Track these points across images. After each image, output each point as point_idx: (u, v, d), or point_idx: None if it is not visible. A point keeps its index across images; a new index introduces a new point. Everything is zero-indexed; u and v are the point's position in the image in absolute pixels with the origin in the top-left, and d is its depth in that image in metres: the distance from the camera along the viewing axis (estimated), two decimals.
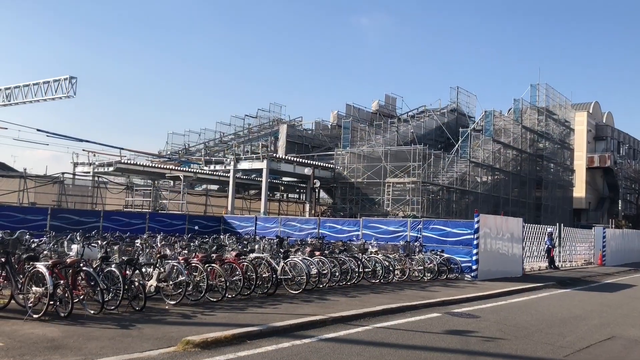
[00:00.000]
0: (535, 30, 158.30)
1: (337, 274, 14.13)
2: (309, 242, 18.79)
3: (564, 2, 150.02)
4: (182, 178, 36.50)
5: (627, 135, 68.96)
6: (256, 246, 15.73)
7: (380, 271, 15.64)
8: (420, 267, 17.15)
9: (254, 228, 25.27)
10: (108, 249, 12.34)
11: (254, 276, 11.93)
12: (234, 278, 11.70)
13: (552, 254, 25.13)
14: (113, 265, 9.90)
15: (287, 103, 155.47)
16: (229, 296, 11.31)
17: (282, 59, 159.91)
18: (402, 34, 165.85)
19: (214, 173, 40.16)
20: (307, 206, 40.77)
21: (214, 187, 47.40)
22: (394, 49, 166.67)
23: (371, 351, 7.81)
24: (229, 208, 35.76)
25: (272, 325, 8.64)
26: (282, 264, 13.00)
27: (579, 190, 56.07)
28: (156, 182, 42.95)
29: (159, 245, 14.70)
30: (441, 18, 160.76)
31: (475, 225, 18.09)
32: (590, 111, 62.03)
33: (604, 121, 65.96)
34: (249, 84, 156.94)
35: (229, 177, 37.00)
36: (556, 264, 25.35)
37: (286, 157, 38.41)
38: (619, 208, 60.84)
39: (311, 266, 13.30)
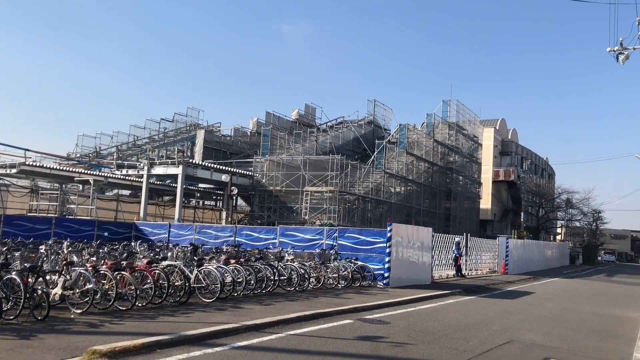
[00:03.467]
0: (448, 50, 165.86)
1: (252, 282, 14.09)
2: (225, 250, 18.59)
3: (475, 26, 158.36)
4: (91, 182, 34.89)
5: (530, 151, 73.62)
6: (169, 254, 15.36)
7: (296, 279, 15.73)
8: (335, 275, 17.43)
9: (167, 235, 24.70)
10: (8, 256, 11.63)
11: (166, 284, 11.65)
12: (145, 286, 11.38)
13: (459, 262, 26.27)
14: (13, 273, 9.34)
15: (205, 108, 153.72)
16: (140, 305, 10.98)
17: (200, 63, 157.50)
18: (323, 45, 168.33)
19: (127, 178, 38.72)
20: (224, 214, 40.24)
21: (126, 192, 45.67)
22: (314, 59, 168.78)
23: (283, 358, 7.88)
24: (142, 214, 34.63)
25: (183, 334, 8.48)
26: (195, 272, 12.79)
27: (486, 202, 59.10)
28: (64, 185, 40.79)
29: (66, 252, 14.00)
30: (360, 33, 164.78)
31: (388, 234, 18.65)
32: (497, 127, 65.67)
33: (509, 137, 70.05)
34: (166, 88, 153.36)
35: (142, 182, 35.84)
36: (463, 272, 26.52)
37: (203, 163, 37.74)
38: (521, 220, 64.63)
39: (226, 274, 13.17)
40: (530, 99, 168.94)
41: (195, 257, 14.58)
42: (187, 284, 12.23)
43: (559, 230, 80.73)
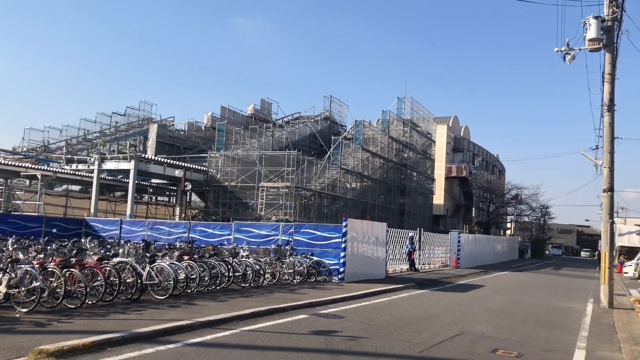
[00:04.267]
0: (403, 47, 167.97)
1: (206, 278, 13.92)
2: (178, 246, 18.32)
3: (430, 24, 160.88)
4: (39, 177, 33.77)
5: (481, 148, 75.42)
6: (120, 250, 15.06)
7: (251, 275, 15.65)
8: (290, 270, 17.42)
9: (119, 232, 24.17)
10: None
11: (117, 281, 11.40)
12: (96, 283, 11.10)
13: (413, 256, 26.69)
14: None
15: (158, 102, 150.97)
16: (90, 302, 10.71)
17: (153, 56, 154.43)
18: (280, 40, 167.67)
19: (76, 173, 37.65)
20: (178, 210, 39.66)
21: (76, 187, 44.45)
22: (271, 54, 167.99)
23: (237, 354, 7.83)
24: (92, 210, 33.75)
25: (135, 332, 8.32)
26: (147, 268, 12.54)
27: (438, 197, 60.26)
28: (9, 180, 39.33)
29: (10, 249, 13.54)
30: (317, 29, 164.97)
31: (344, 229, 18.76)
32: (450, 125, 66.98)
33: (461, 134, 71.57)
34: (117, 81, 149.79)
35: (92, 177, 34.92)
36: (416, 266, 26.95)
37: (156, 158, 37.06)
38: (473, 215, 66.14)
39: (179, 271, 12.98)
40: (482, 97, 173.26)
41: (147, 254, 14.31)
42: (139, 280, 11.99)
43: (508, 225, 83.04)
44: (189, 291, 13.29)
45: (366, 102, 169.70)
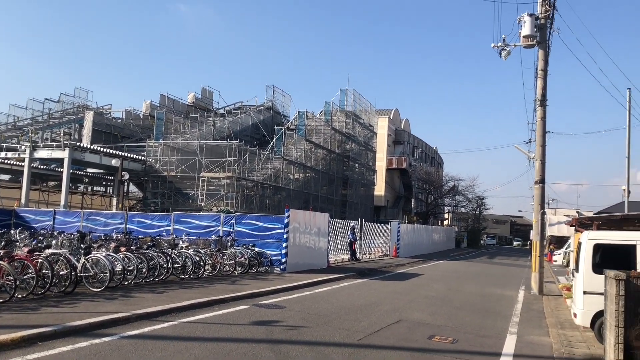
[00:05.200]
0: (347, 38, 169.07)
1: (144, 270, 13.61)
2: (115, 237, 17.82)
3: (375, 16, 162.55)
4: None
5: (421, 140, 77.05)
6: (53, 242, 14.47)
7: (191, 266, 15.42)
8: (231, 262, 17.27)
9: (52, 223, 23.26)
10: None
11: (49, 274, 10.97)
12: (26, 276, 10.65)
13: (354, 246, 27.03)
14: None
15: (94, 89, 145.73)
16: (20, 296, 10.28)
17: (88, 40, 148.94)
18: (221, 28, 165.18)
19: (5, 162, 35.92)
20: (115, 200, 38.54)
21: (5, 177, 42.41)
22: (212, 42, 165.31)
23: (176, 345, 7.72)
24: (23, 201, 32.32)
25: (68, 325, 8.04)
26: (82, 260, 12.16)
27: (380, 188, 61.16)
28: None
29: None
30: (259, 16, 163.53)
31: (286, 220, 18.77)
32: (391, 117, 67.98)
33: (402, 127, 72.79)
34: (51, 66, 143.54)
35: (23, 166, 33.40)
36: (357, 256, 27.32)
37: (92, 147, 35.79)
38: (412, 205, 67.57)
39: (115, 262, 12.65)
40: (422, 90, 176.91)
41: (82, 245, 13.83)
42: (73, 273, 11.59)
43: (446, 215, 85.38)
44: (126, 283, 12.97)
45: (309, 93, 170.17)
